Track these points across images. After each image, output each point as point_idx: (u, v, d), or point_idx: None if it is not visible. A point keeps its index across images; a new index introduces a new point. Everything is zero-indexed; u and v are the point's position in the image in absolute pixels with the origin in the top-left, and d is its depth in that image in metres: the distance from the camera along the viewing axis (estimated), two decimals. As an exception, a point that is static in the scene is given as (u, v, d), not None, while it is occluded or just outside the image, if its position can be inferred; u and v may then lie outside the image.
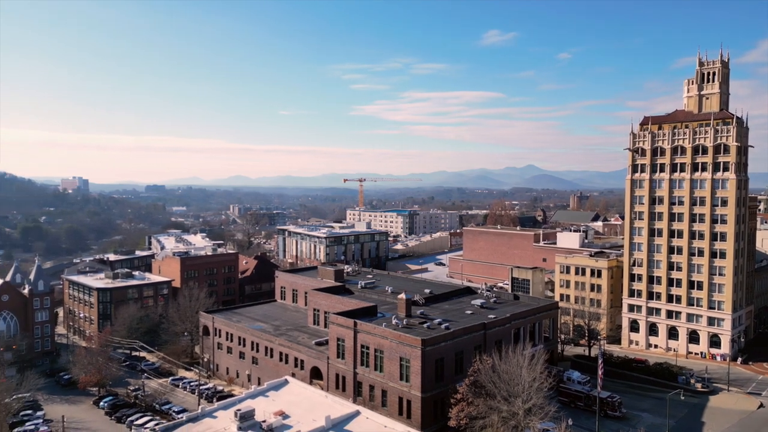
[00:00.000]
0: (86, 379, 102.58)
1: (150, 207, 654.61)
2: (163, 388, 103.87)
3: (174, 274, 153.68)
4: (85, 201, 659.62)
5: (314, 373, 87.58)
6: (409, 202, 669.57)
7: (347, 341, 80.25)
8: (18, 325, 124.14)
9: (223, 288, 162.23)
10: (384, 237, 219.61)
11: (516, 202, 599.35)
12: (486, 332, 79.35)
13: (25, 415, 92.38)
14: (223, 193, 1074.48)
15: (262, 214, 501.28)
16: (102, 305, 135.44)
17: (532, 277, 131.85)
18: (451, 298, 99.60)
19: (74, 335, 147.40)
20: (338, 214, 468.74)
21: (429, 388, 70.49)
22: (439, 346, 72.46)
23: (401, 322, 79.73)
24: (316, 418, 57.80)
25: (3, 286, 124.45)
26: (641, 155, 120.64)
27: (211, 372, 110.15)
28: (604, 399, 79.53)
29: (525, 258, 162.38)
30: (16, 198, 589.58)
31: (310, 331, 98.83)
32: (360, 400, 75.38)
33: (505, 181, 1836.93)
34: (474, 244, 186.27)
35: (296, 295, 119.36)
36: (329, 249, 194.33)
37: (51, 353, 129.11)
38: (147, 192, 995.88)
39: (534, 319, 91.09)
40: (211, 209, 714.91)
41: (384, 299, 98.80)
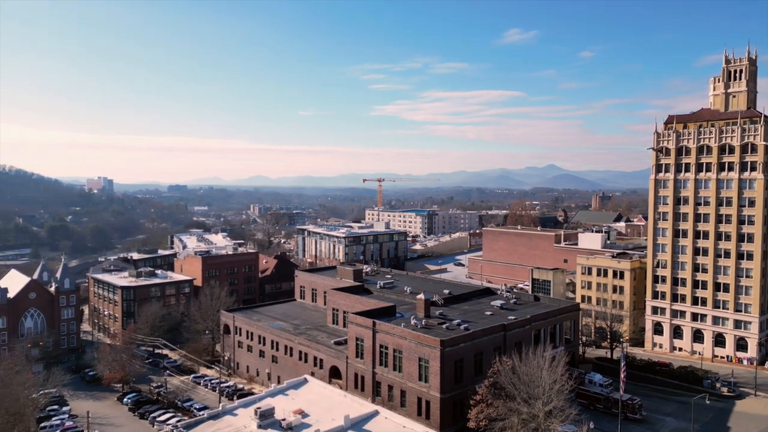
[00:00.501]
0: (110, 376, 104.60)
1: (172, 207, 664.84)
2: (185, 386, 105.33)
3: (196, 273, 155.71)
4: (110, 201, 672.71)
5: (333, 372, 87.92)
6: (428, 202, 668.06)
7: (366, 341, 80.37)
8: (45, 322, 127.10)
9: (244, 287, 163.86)
10: (403, 237, 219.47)
11: (537, 203, 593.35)
12: (506, 333, 78.73)
13: (51, 410, 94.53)
14: (243, 193, 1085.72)
15: (281, 213, 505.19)
16: (126, 303, 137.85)
17: (553, 278, 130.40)
18: (471, 299, 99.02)
19: (99, 332, 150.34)
20: (357, 214, 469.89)
21: (448, 389, 70.19)
22: (459, 347, 72.11)
23: (420, 322, 79.56)
24: (335, 418, 58.00)
25: (30, 284, 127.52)
26: (665, 155, 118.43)
27: (231, 370, 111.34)
28: (624, 401, 78.48)
29: (546, 259, 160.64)
30: (43, 198, 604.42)
31: (329, 331, 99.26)
32: (379, 400, 75.45)
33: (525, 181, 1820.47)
34: (494, 245, 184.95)
35: (315, 295, 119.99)
36: (348, 249, 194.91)
37: (76, 350, 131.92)
38: (169, 192, 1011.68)
39: (555, 321, 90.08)
40: (232, 209, 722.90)
41: (403, 299, 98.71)
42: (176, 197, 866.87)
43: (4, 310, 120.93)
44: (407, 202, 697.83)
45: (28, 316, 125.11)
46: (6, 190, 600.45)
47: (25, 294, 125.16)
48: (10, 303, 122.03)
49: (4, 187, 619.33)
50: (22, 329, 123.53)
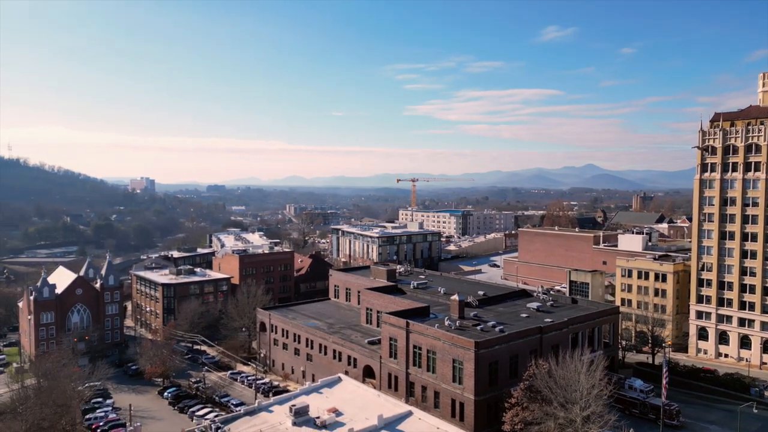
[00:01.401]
0: (152, 370, 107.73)
1: (211, 206, 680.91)
2: (222, 382, 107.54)
3: (233, 271, 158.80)
4: (152, 200, 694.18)
5: (367, 371, 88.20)
6: (463, 202, 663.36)
7: (399, 341, 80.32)
8: (90, 317, 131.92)
9: (279, 285, 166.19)
10: (436, 237, 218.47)
11: (574, 203, 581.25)
12: (542, 336, 77.37)
13: (96, 402, 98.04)
14: (279, 193, 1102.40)
15: (316, 213, 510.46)
16: (166, 300, 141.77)
17: (592, 281, 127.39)
18: (506, 301, 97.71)
19: (141, 328, 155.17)
20: (390, 214, 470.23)
21: (482, 391, 69.45)
22: (493, 349, 71.25)
23: (454, 323, 78.97)
24: (369, 417, 58.17)
25: (77, 280, 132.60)
26: (711, 154, 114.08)
27: (267, 367, 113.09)
28: (661, 407, 76.43)
29: (584, 260, 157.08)
30: (89, 198, 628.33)
31: (362, 330, 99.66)
32: (412, 401, 75.27)
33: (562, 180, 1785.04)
34: (530, 246, 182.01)
35: (349, 294, 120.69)
36: (381, 249, 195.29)
37: (120, 345, 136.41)
38: (208, 192, 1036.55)
39: (593, 324, 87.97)
40: (268, 209, 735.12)
41: (436, 300, 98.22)
42: (215, 197, 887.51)
43: (53, 306, 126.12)
44: (441, 202, 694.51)
45: (74, 311, 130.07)
46: (55, 191, 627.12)
47: (72, 290, 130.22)
48: (58, 298, 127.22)
49: (53, 187, 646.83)
50: (69, 324, 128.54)
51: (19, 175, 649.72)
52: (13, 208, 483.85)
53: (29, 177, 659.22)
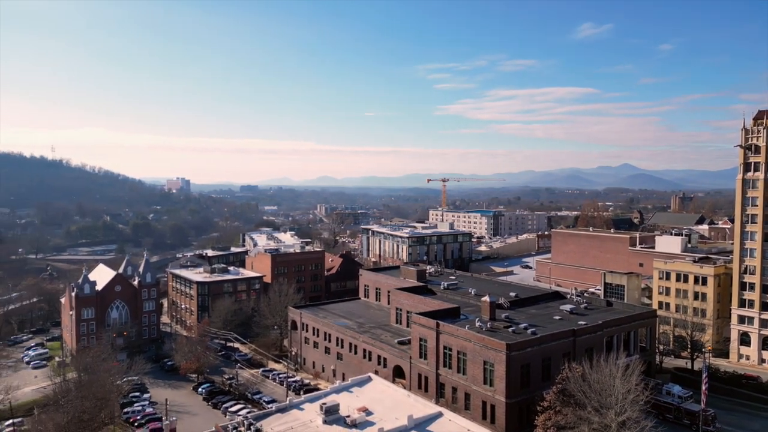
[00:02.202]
0: (187, 366, 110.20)
1: (244, 206, 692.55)
2: (255, 379, 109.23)
3: (265, 270, 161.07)
4: (187, 200, 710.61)
5: (397, 371, 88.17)
6: (494, 202, 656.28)
7: (430, 342, 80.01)
8: (129, 313, 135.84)
9: (310, 284, 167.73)
10: (467, 238, 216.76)
11: (610, 203, 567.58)
12: (576, 339, 75.87)
13: (133, 396, 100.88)
14: (310, 193, 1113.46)
15: (347, 213, 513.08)
16: (201, 297, 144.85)
17: (627, 283, 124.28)
18: (538, 303, 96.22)
19: (176, 325, 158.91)
20: (421, 214, 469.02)
21: (514, 393, 68.57)
22: (525, 351, 70.26)
23: (485, 325, 78.20)
24: (399, 417, 58.11)
25: (116, 277, 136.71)
26: (755, 153, 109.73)
27: (298, 365, 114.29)
28: (696, 412, 74.08)
29: (619, 262, 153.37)
30: (128, 197, 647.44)
31: (392, 330, 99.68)
32: (443, 402, 74.88)
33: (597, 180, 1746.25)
34: (563, 247, 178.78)
35: (379, 294, 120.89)
36: (411, 249, 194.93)
37: (156, 341, 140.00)
38: (242, 192, 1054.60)
39: (629, 328, 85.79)
40: (299, 208, 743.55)
41: (467, 301, 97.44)
42: (248, 197, 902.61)
43: (93, 302, 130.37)
44: (472, 202, 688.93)
45: (114, 307, 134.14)
46: (95, 190, 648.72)
47: (112, 287, 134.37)
48: (99, 295, 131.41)
49: (94, 187, 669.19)
50: (108, 320, 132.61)
51: (62, 176, 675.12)
52: (57, 208, 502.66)
53: (71, 177, 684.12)
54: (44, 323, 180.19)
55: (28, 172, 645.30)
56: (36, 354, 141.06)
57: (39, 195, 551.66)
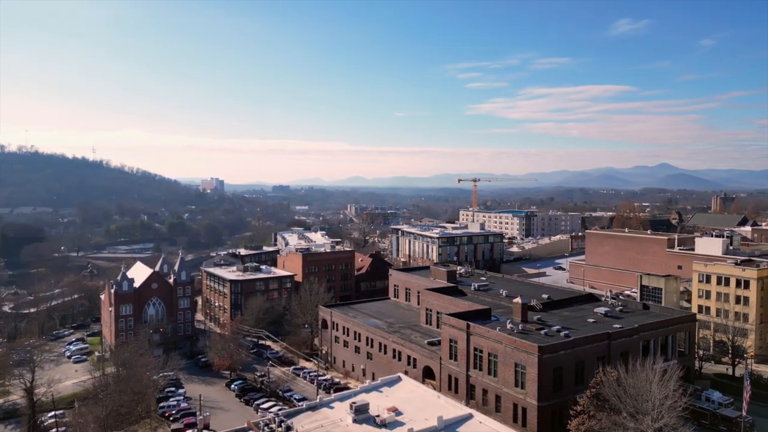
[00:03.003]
0: (220, 363, 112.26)
1: (276, 206, 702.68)
2: (286, 376, 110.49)
3: (296, 269, 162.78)
4: (221, 200, 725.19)
5: (427, 372, 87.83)
6: (526, 202, 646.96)
7: (460, 343, 79.42)
8: (164, 310, 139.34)
9: (340, 284, 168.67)
10: (498, 239, 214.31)
11: (647, 204, 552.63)
12: (610, 342, 74.10)
13: (169, 391, 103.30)
14: (341, 194, 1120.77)
15: (376, 213, 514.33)
16: (234, 296, 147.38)
17: (665, 286, 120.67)
18: (572, 305, 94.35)
19: (210, 322, 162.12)
20: (451, 214, 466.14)
21: (546, 397, 67.43)
22: (558, 354, 69.00)
23: (516, 326, 77.14)
24: (429, 418, 57.84)
25: (153, 275, 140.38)
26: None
27: (328, 364, 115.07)
28: (733, 419, 71.37)
29: (657, 265, 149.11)
30: (164, 197, 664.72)
31: (422, 331, 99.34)
32: (473, 403, 74.20)
33: (634, 180, 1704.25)
34: (598, 249, 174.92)
35: (409, 294, 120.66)
36: (441, 249, 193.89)
37: (191, 337, 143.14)
38: (274, 192, 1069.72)
39: (666, 332, 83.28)
40: (330, 208, 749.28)
41: (498, 302, 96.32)
42: (280, 197, 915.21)
43: (131, 298, 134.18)
44: (503, 202, 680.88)
45: (150, 304, 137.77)
46: (133, 190, 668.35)
47: (149, 284, 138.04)
48: (136, 292, 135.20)
49: (132, 187, 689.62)
50: (145, 316, 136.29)
51: (102, 176, 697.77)
52: (97, 207, 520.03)
53: (111, 178, 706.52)
54: (85, 319, 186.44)
55: (71, 173, 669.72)
56: (77, 349, 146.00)
57: (80, 195, 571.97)
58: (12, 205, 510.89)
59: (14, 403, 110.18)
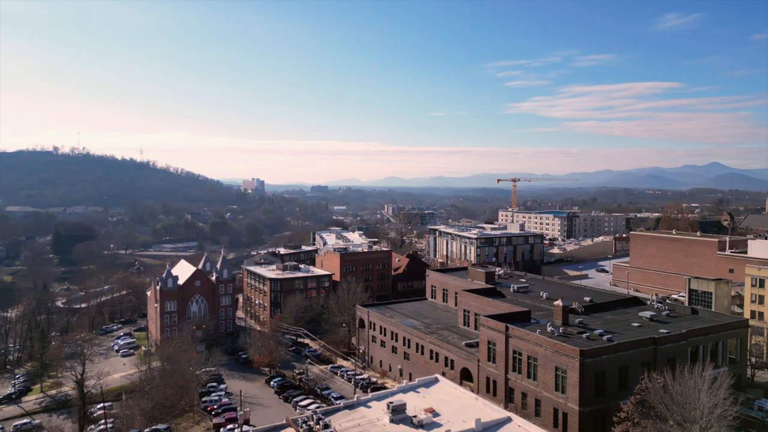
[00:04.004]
0: (260, 360, 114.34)
1: (314, 206, 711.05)
2: (323, 375, 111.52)
3: (334, 269, 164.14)
4: (262, 200, 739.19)
5: (464, 374, 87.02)
6: (568, 203, 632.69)
7: (498, 345, 78.32)
8: (207, 307, 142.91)
9: (378, 284, 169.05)
10: (539, 240, 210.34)
11: (695, 205, 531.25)
12: (656, 348, 71.55)
13: (211, 386, 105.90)
14: (378, 194, 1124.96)
15: (414, 213, 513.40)
16: (273, 294, 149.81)
17: (716, 290, 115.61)
18: (615, 308, 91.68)
19: (250, 319, 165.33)
20: (490, 215, 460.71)
21: (588, 402, 65.69)
22: (601, 358, 67.10)
23: (557, 330, 75.49)
24: (466, 420, 57.23)
25: (196, 273, 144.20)
26: None
27: (365, 363, 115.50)
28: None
29: (706, 268, 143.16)
30: (207, 197, 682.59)
31: (459, 332, 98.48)
32: (511, 407, 73.06)
33: (682, 180, 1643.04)
34: (643, 251, 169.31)
35: (446, 295, 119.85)
36: (480, 250, 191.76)
37: (232, 334, 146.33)
38: (312, 192, 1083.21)
39: (716, 338, 79.80)
40: (367, 208, 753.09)
41: (538, 305, 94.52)
42: (318, 197, 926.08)
43: (175, 295, 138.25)
44: (544, 203, 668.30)
45: (193, 301, 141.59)
46: (178, 191, 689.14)
47: (192, 282, 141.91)
48: (180, 289, 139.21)
49: (177, 188, 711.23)
50: (189, 313, 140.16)
51: (149, 177, 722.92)
52: (144, 206, 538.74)
53: (157, 178, 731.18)
54: (132, 314, 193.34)
55: (120, 173, 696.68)
56: (124, 343, 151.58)
57: (129, 194, 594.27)
58: (65, 205, 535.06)
59: (66, 394, 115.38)
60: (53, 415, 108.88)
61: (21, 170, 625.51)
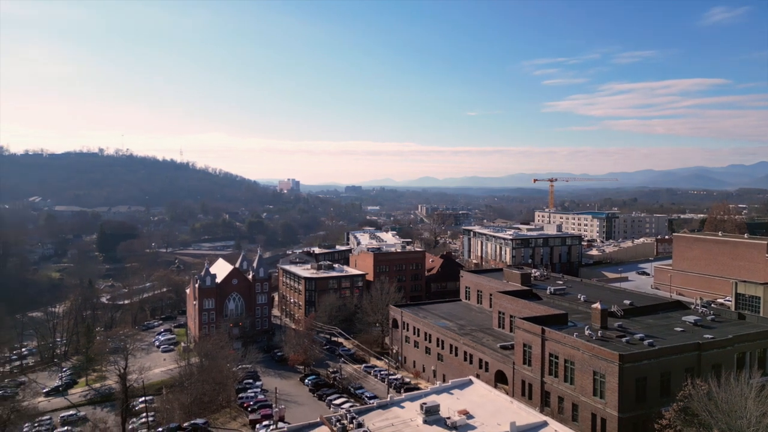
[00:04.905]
0: (294, 358, 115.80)
1: (348, 206, 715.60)
2: (357, 374, 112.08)
3: (367, 268, 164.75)
4: (297, 200, 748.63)
5: (499, 376, 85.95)
6: (607, 203, 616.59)
7: (534, 348, 77.04)
8: (244, 305, 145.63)
9: (411, 284, 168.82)
10: (577, 241, 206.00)
11: (743, 206, 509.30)
12: (701, 354, 68.99)
13: (247, 383, 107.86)
14: (412, 194, 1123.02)
15: (448, 214, 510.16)
16: (308, 293, 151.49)
17: (764, 294, 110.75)
18: (657, 312, 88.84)
19: (285, 318, 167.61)
20: (526, 215, 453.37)
21: (628, 408, 63.87)
22: (641, 363, 65.15)
23: (595, 333, 73.70)
24: (501, 423, 56.51)
25: (233, 271, 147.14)
26: None
27: (399, 363, 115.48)
28: None
29: (754, 271, 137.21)
30: (244, 197, 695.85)
31: (494, 334, 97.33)
32: (548, 411, 71.68)
33: (728, 180, 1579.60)
34: (686, 253, 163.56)
35: (481, 296, 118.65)
36: (515, 251, 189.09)
37: (267, 332, 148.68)
38: (346, 192, 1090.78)
39: (765, 344, 76.30)
40: (400, 208, 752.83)
41: (575, 308, 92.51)
42: (352, 197, 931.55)
43: (213, 293, 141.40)
44: (582, 203, 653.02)
45: (231, 299, 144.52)
46: (216, 191, 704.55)
47: (229, 280, 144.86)
48: (218, 287, 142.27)
49: (215, 188, 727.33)
50: (226, 310, 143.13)
51: (189, 177, 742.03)
52: (184, 206, 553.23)
53: (196, 179, 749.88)
54: (172, 311, 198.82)
55: (161, 174, 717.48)
56: (165, 339, 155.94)
57: (169, 194, 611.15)
58: (110, 204, 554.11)
59: (109, 387, 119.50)
60: (97, 408, 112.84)
61: (69, 171, 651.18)
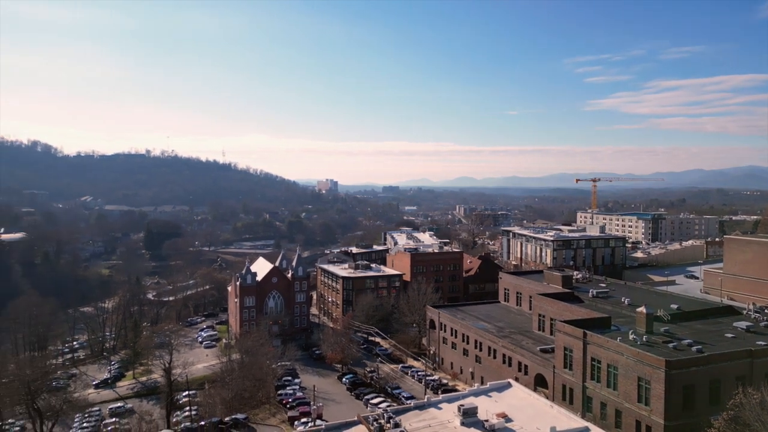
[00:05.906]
0: (332, 356, 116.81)
1: (386, 206, 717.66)
2: (394, 374, 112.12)
3: (404, 269, 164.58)
4: (335, 200, 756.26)
5: (538, 380, 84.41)
6: (653, 204, 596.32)
7: (575, 352, 75.25)
8: (283, 303, 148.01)
9: (448, 285, 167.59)
10: (621, 243, 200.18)
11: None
12: (753, 361, 65.87)
13: (286, 380, 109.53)
14: (449, 194, 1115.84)
15: (486, 214, 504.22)
16: (346, 292, 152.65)
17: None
18: (706, 318, 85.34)
19: (323, 316, 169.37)
20: (567, 216, 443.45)
21: (674, 416, 61.60)
22: (689, 370, 62.70)
23: (640, 338, 71.36)
24: (540, 427, 55.42)
25: (273, 270, 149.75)
26: None
27: (436, 364, 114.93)
28: None
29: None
30: (284, 197, 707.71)
31: (534, 337, 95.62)
32: (589, 416, 69.86)
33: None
34: (738, 256, 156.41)
35: (520, 298, 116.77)
36: (557, 253, 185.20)
37: (306, 330, 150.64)
38: (384, 192, 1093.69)
39: (826, 354, 72.19)
40: (438, 209, 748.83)
41: (619, 311, 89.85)
42: (389, 197, 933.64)
43: (254, 291, 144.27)
44: (627, 204, 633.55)
45: (270, 297, 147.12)
46: (257, 191, 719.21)
47: (269, 278, 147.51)
48: (258, 285, 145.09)
49: (256, 188, 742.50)
50: (266, 308, 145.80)
51: (230, 178, 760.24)
52: (226, 206, 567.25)
53: (237, 179, 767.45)
54: (214, 308, 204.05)
55: (204, 174, 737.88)
56: (207, 335, 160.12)
57: (212, 194, 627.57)
58: (156, 204, 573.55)
59: (155, 381, 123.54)
60: (143, 401, 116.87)
61: (118, 172, 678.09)
